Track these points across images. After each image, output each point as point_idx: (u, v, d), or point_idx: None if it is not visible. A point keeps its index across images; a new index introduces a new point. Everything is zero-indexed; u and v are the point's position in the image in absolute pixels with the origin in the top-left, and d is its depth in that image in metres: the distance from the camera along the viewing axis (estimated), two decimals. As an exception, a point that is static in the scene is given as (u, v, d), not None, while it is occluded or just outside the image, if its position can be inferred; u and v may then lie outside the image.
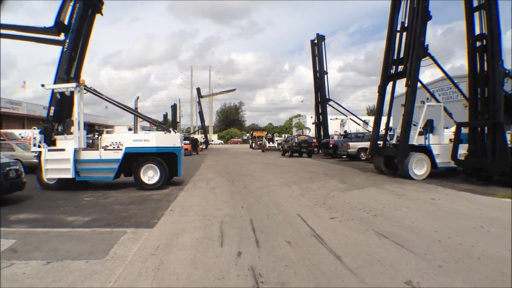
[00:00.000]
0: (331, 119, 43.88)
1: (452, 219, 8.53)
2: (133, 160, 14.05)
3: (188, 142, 43.79)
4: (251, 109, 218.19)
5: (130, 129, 14.73)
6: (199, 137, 70.89)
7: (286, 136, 56.35)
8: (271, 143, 53.60)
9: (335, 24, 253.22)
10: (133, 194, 12.95)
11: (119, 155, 13.82)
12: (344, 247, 6.23)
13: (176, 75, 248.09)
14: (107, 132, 17.58)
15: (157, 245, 6.47)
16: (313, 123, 43.89)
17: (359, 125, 40.76)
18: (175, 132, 15.21)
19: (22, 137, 27.64)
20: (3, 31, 14.46)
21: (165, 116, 58.24)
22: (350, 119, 40.88)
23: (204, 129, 69.80)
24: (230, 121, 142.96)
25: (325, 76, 38.35)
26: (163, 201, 11.33)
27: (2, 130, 28.55)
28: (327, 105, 38.96)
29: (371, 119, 24.23)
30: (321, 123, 39.31)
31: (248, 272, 5.11)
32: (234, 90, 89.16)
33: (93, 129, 18.07)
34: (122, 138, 14.35)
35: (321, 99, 38.73)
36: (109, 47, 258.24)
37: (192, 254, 5.93)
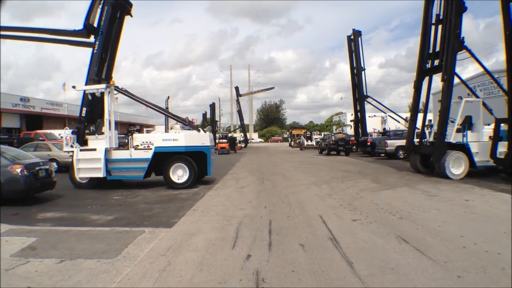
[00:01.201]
0: (369, 117, 42.93)
1: (482, 222, 8.01)
2: (163, 159, 14.12)
3: (225, 141, 44.00)
4: (292, 107, 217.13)
5: (170, 128, 14.86)
6: (239, 135, 71.14)
7: (324, 134, 55.68)
8: (309, 141, 53.22)
9: (376, 19, 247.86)
10: (161, 193, 13.03)
11: (148, 154, 13.94)
12: (359, 252, 5.92)
13: (216, 74, 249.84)
14: (147, 132, 17.85)
15: (170, 246, 6.41)
16: (351, 121, 43.22)
17: (399, 122, 39.75)
18: (204, 132, 15.22)
19: (61, 137, 28.43)
20: (36, 35, 14.87)
21: (204, 115, 58.74)
22: (389, 116, 39.85)
23: (243, 128, 69.82)
24: (270, 119, 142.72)
25: (363, 72, 37.58)
26: (189, 200, 11.31)
27: (41, 131, 29.50)
28: (365, 102, 38.19)
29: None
30: (359, 120, 38.58)
31: (252, 277, 4.93)
32: (272, 88, 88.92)
33: (130, 129, 18.36)
34: (152, 138, 14.49)
35: (359, 96, 37.98)
36: (151, 48, 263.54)
37: (201, 256, 5.82)
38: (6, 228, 8.09)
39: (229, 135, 55.43)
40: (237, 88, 70.26)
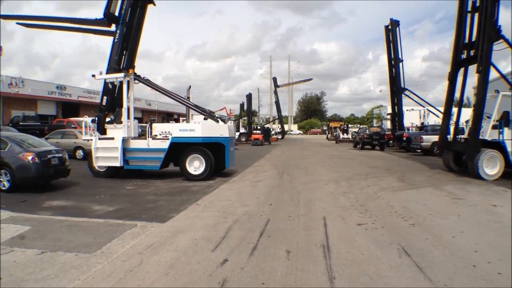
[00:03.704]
0: (407, 110, 41.53)
1: (505, 234, 6.87)
2: (181, 150, 13.97)
3: (259, 132, 43.70)
4: (333, 100, 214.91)
5: (205, 119, 14.64)
6: (276, 127, 70.86)
7: (359, 128, 54.41)
8: (345, 134, 52.05)
9: (421, 11, 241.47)
10: (175, 184, 12.89)
11: (165, 144, 13.83)
12: (348, 265, 5.22)
13: (258, 65, 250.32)
14: (183, 121, 17.80)
15: (152, 243, 6.15)
16: (387, 114, 42.00)
17: (438, 117, 38.28)
18: (224, 122, 14.98)
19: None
20: (57, 24, 14.97)
21: (242, 105, 58.74)
22: (428, 110, 38.36)
23: (280, 119, 69.37)
24: (311, 111, 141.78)
25: (400, 64, 36.23)
26: (199, 193, 11.06)
27: (74, 118, 30.04)
28: (403, 95, 36.91)
29: (455, 111, 22.15)
30: (396, 114, 37.38)
31: (217, 286, 4.53)
32: (310, 79, 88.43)
33: (171, 118, 18.37)
34: (171, 128, 14.34)
35: (396, 89, 36.72)
36: (194, 39, 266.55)
37: (177, 257, 5.50)
38: (7, 215, 8.16)
39: (266, 126, 55.16)
40: (275, 79, 69.87)
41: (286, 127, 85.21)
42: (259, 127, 47.30)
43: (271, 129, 60.84)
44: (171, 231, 6.89)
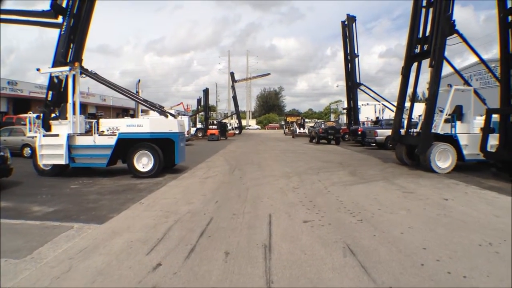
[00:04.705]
0: (362, 105, 42.30)
1: (456, 229, 6.76)
2: (129, 146, 13.58)
3: (215, 127, 43.46)
4: (292, 95, 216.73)
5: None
6: (233, 122, 70.78)
7: (315, 122, 54.96)
8: (302, 129, 52.50)
9: (379, 8, 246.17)
10: (122, 182, 12.53)
11: (112, 141, 13.40)
12: (288, 267, 4.98)
13: (217, 61, 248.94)
14: (142, 116, 17.36)
15: (86, 246, 5.87)
16: (343, 109, 42.62)
17: (393, 111, 39.08)
18: (174, 117, 14.72)
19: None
20: (2, 16, 14.29)
21: (199, 100, 58.32)
22: (383, 104, 39.12)
23: (237, 114, 69.26)
24: (269, 106, 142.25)
25: (356, 59, 36.81)
26: (145, 191, 10.76)
27: (24, 115, 28.91)
28: (359, 90, 37.46)
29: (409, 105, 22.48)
30: (352, 108, 37.92)
31: (145, 295, 4.32)
32: (268, 74, 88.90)
33: (127, 114, 17.97)
34: (118, 124, 13.92)
35: (352, 84, 37.27)
36: (153, 34, 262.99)
37: (108, 262, 5.24)
38: None
39: (222, 121, 55.02)
40: (232, 74, 69.86)
41: (244, 122, 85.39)
42: (215, 122, 47.00)
43: (229, 124, 60.71)
44: (108, 233, 6.60)
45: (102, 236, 6.43)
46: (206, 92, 53.57)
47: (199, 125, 51.51)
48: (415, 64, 17.48)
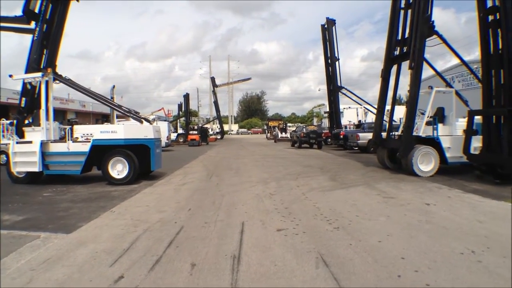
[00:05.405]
0: (344, 108, 42.49)
1: (437, 237, 6.49)
2: (104, 153, 13.40)
3: (196, 132, 43.29)
4: (275, 99, 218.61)
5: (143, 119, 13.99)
6: (215, 127, 70.71)
7: (296, 126, 55.07)
8: (283, 133, 52.54)
9: (360, 12, 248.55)
10: (96, 189, 12.32)
11: (86, 147, 13.21)
12: (256, 280, 4.72)
13: (199, 66, 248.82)
14: (122, 122, 17.16)
15: (50, 257, 5.71)
16: (325, 112, 42.75)
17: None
18: (150, 123, 14.57)
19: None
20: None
21: (180, 105, 58.04)
22: (365, 108, 39.29)
23: (219, 119, 69.20)
24: (252, 111, 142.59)
25: (337, 62, 36.96)
26: (118, 199, 10.57)
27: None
28: (340, 94, 37.61)
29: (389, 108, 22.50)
30: (334, 112, 38.02)
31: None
32: (249, 79, 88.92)
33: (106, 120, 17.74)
34: (93, 130, 13.74)
35: (333, 87, 37.37)
36: (134, 39, 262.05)
37: (70, 274, 5.07)
38: None
39: (204, 126, 54.90)
40: (213, 79, 69.89)
41: (226, 127, 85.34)
42: (196, 128, 46.80)
43: (211, 129, 60.59)
44: (74, 243, 6.43)
45: (68, 247, 6.26)
46: (186, 97, 53.42)
47: (180, 131, 51.23)
48: (395, 66, 17.46)
